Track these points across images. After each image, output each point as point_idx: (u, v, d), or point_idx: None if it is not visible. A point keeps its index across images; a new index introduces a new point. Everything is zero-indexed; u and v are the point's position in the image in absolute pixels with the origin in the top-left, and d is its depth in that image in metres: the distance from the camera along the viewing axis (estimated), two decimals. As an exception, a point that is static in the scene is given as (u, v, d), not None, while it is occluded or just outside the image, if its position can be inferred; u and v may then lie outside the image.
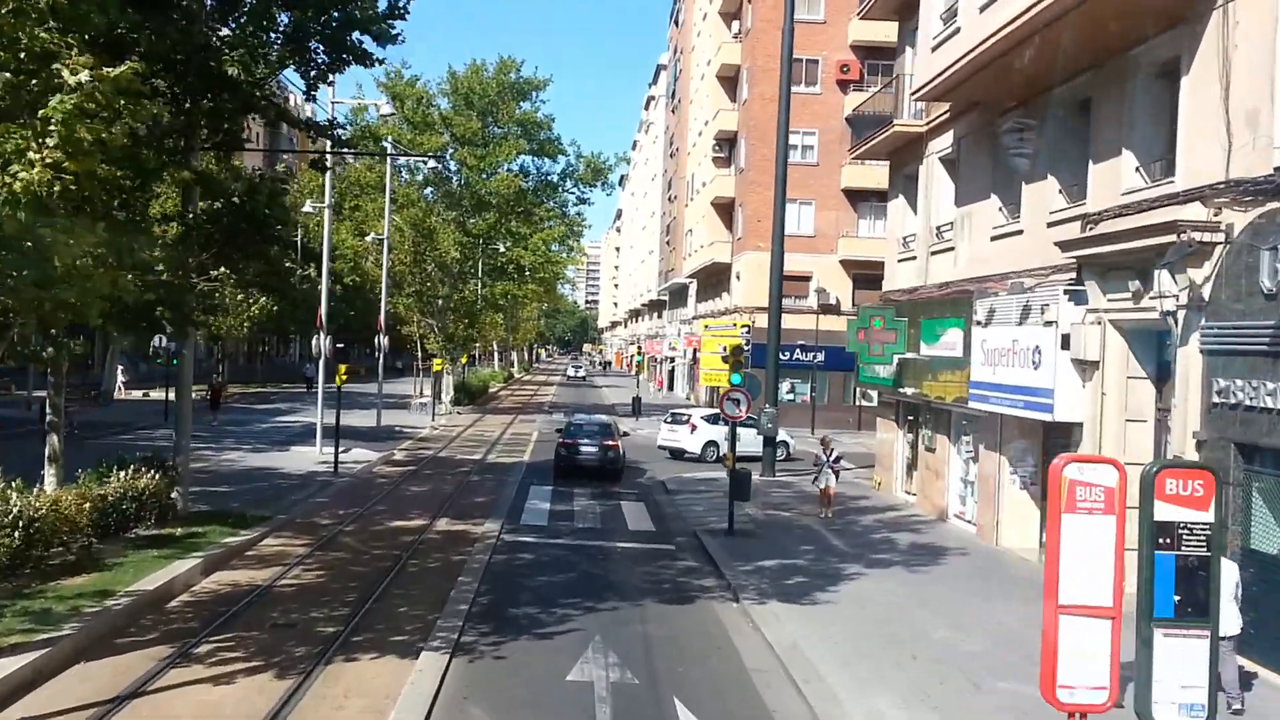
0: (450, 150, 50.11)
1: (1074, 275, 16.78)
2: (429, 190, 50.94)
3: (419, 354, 54.85)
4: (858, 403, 51.00)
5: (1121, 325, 15.99)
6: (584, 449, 29.52)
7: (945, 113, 23.23)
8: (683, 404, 66.64)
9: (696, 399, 67.26)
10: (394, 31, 20.11)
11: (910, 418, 25.91)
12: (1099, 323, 16.21)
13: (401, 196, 48.46)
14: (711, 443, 34.09)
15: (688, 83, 73.34)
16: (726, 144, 56.97)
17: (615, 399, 70.39)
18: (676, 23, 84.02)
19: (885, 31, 49.89)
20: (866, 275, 50.75)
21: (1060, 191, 18.29)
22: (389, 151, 43.90)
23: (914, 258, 25.58)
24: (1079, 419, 16.79)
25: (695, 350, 68.56)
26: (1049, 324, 17.21)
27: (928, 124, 24.49)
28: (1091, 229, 16.28)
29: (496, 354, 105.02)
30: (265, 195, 19.51)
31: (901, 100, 26.27)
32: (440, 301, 51.53)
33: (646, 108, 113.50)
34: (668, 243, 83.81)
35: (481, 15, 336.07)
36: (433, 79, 50.21)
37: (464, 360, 57.27)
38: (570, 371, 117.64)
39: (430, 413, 47.14)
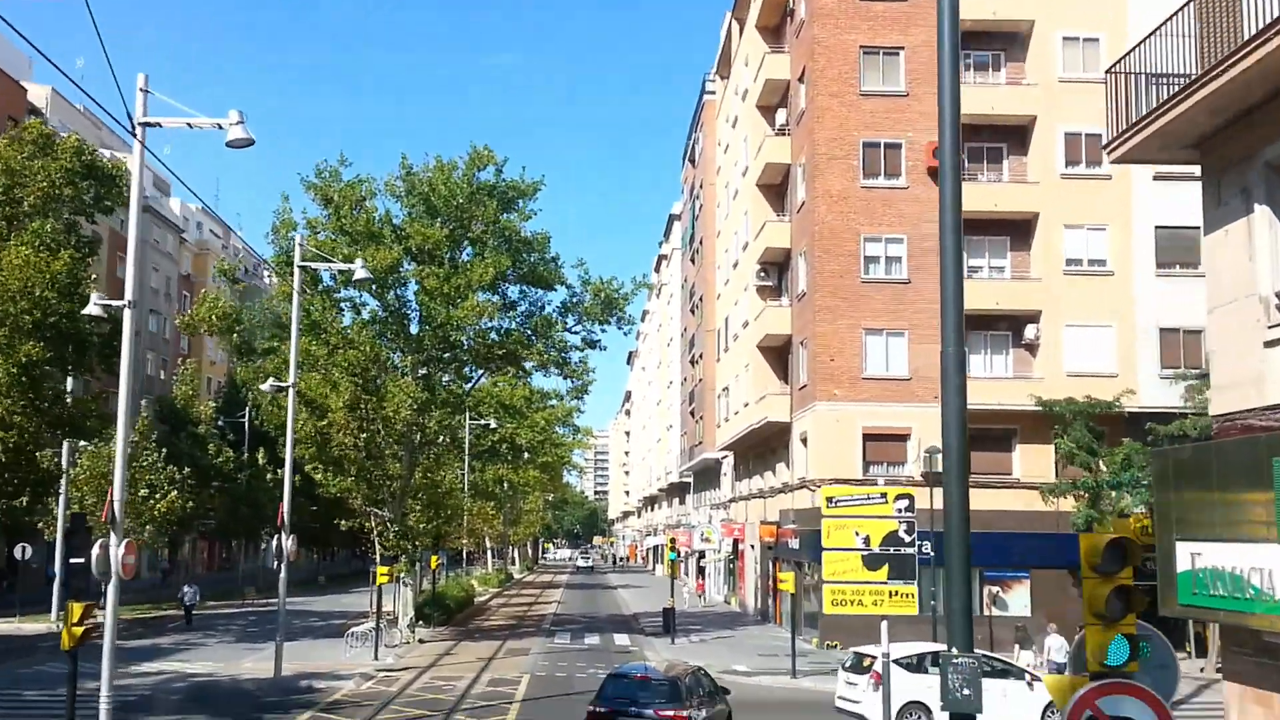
0: (406, 278, 36.77)
1: None
2: (376, 329, 37.21)
3: (377, 556, 39.89)
4: (987, 612, 35.75)
5: None
6: None
7: None
8: (722, 611, 50.83)
9: (743, 606, 51.76)
10: None
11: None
12: None
13: (335, 336, 34.72)
14: (916, 706, 19.40)
15: (712, 216, 61.08)
16: (775, 268, 43.78)
17: (638, 606, 54.81)
18: (693, 160, 72.79)
19: (993, 100, 37.57)
20: (987, 431, 36.48)
21: None
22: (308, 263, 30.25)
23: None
24: None
25: (737, 542, 53.66)
26: None
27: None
28: None
29: (490, 552, 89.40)
30: None
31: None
32: (394, 484, 37.05)
33: (657, 269, 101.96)
34: (692, 412, 69.94)
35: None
36: (382, 177, 36.93)
37: (434, 563, 42.42)
38: (580, 562, 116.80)
39: (374, 645, 31.98)
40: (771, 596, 44.77)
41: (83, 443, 44.36)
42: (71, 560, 25.13)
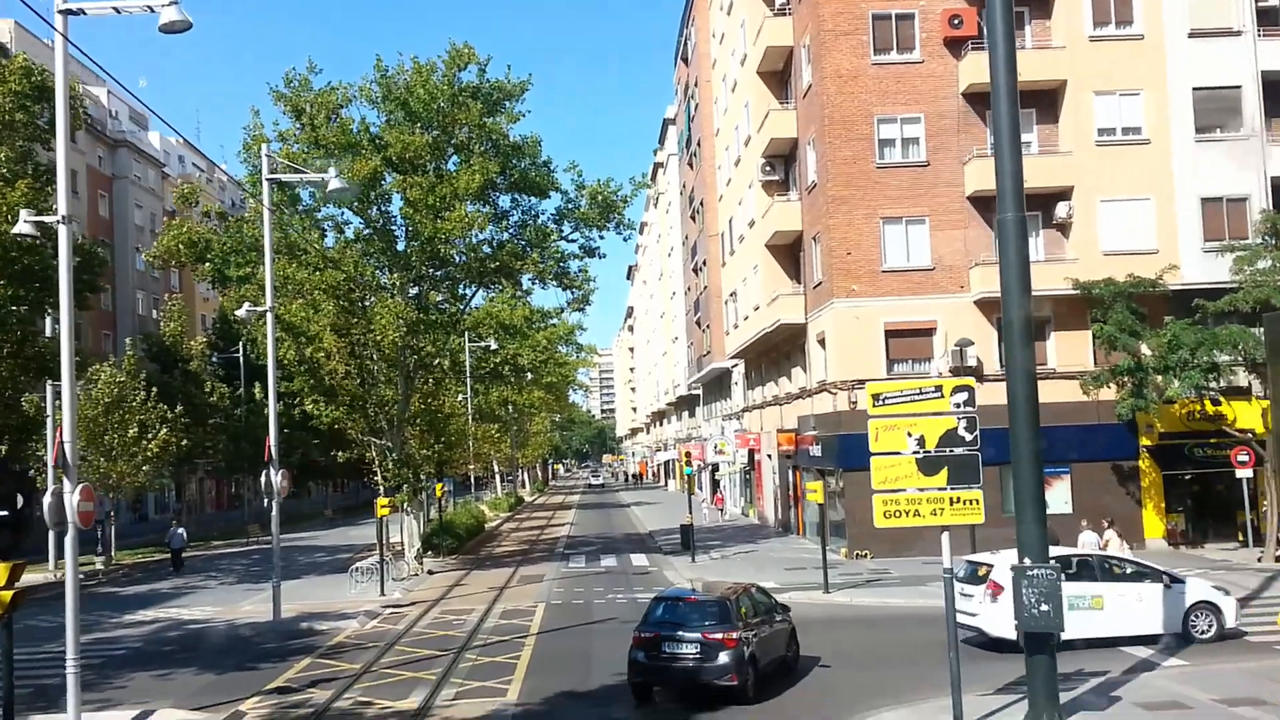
0: (389, 192, 34.20)
1: None
2: (360, 249, 34.79)
3: (382, 488, 37.85)
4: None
5: None
6: (670, 650, 15.88)
7: None
8: (741, 525, 49.06)
9: (762, 519, 50.17)
10: None
11: None
12: None
13: (315, 256, 32.33)
14: None
15: (709, 114, 58.10)
16: (781, 161, 41.11)
17: (653, 523, 53.26)
18: (685, 59, 69.37)
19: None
20: (1018, 319, 34.24)
21: None
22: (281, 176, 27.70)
23: None
24: None
25: (753, 452, 51.80)
26: None
27: None
28: None
29: (498, 475, 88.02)
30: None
31: None
32: (391, 411, 34.99)
33: (653, 178, 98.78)
34: (698, 322, 67.70)
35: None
36: (357, 82, 34.30)
37: (439, 491, 40.64)
38: (591, 480, 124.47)
39: (380, 580, 30.21)
40: (793, 507, 43.04)
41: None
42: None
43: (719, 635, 15.58)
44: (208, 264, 32.48)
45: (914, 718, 15.17)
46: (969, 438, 14.48)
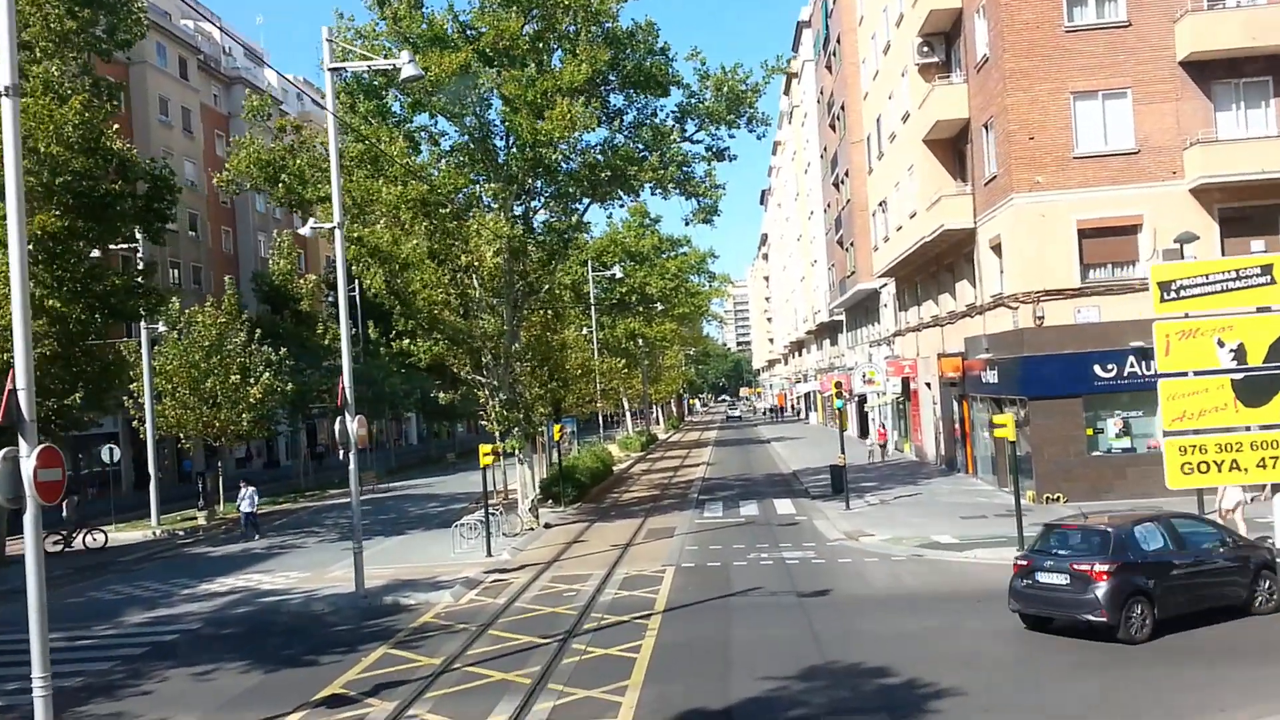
0: (485, 93, 29.60)
1: None
2: (456, 161, 30.43)
3: (497, 433, 33.76)
4: None
5: None
6: (1042, 579, 15.11)
7: None
8: (897, 463, 43.39)
9: (920, 455, 44.62)
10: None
11: None
12: None
13: (397, 169, 28.02)
14: None
15: (850, 4, 51.70)
16: (941, 39, 34.95)
17: (797, 462, 48.41)
18: (819, -52, 62.72)
19: None
20: (1248, 210, 27.87)
21: None
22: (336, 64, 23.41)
23: None
24: None
25: (907, 381, 46.11)
26: None
27: None
28: None
29: (629, 413, 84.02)
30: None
31: None
32: (496, 344, 30.82)
33: (786, 91, 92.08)
34: (840, 241, 61.71)
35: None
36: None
37: (557, 433, 36.55)
38: (729, 412, 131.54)
39: (486, 539, 26.22)
40: (960, 442, 37.49)
41: (162, 328, 39.75)
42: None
43: (1086, 566, 14.55)
44: (281, 185, 28.57)
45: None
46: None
